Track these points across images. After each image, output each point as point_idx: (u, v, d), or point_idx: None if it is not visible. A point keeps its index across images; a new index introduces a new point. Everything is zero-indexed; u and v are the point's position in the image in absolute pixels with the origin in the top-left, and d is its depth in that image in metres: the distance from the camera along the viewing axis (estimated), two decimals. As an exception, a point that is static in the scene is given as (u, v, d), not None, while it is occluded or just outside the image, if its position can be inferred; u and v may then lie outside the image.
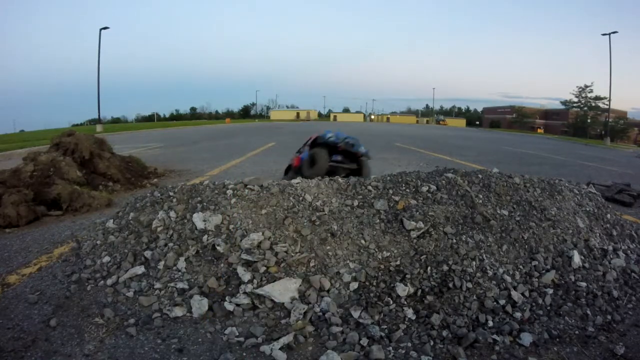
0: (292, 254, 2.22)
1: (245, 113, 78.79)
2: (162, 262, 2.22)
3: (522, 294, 2.09)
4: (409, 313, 1.93)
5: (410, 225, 2.42)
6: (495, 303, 2.01)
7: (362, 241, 2.34)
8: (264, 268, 2.13)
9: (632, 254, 2.66)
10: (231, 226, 2.36)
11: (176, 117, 73.50)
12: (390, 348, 1.71)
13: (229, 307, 1.95)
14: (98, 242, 2.54)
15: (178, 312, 1.92)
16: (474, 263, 2.21)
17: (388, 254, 2.26)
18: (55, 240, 2.96)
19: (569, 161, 10.64)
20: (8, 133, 26.32)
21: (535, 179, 3.07)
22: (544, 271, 2.26)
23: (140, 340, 1.74)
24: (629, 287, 2.31)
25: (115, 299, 2.05)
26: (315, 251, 2.26)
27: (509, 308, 1.97)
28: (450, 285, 2.08)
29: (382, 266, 2.18)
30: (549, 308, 2.03)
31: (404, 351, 1.69)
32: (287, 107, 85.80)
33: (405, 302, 1.99)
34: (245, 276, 2.08)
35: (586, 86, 44.00)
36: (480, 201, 2.68)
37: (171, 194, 2.74)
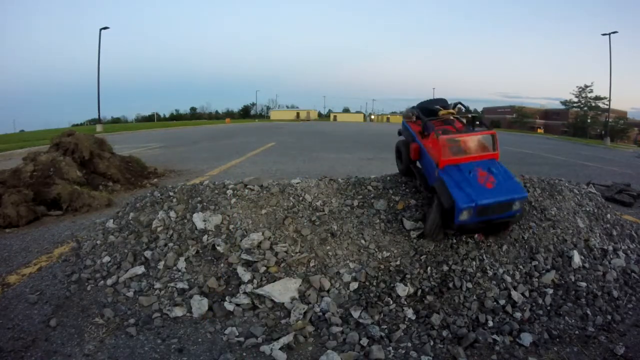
0: (292, 254, 2.22)
1: (245, 113, 78.78)
2: (162, 262, 2.23)
3: (522, 294, 2.09)
4: (409, 313, 1.93)
5: (410, 225, 2.42)
6: (495, 303, 2.01)
7: (362, 241, 2.34)
8: (264, 268, 2.13)
9: (632, 254, 2.66)
10: (231, 226, 2.36)
11: (176, 117, 73.45)
12: (390, 348, 1.71)
13: (229, 307, 1.95)
14: (98, 242, 2.54)
15: (178, 312, 1.92)
16: (474, 263, 2.21)
17: (388, 254, 2.26)
18: (55, 240, 2.96)
19: (569, 161, 10.63)
20: (8, 133, 26.31)
21: (535, 179, 3.07)
22: (544, 271, 2.26)
23: (140, 340, 1.74)
24: (629, 287, 2.30)
25: (115, 299, 2.05)
26: (315, 251, 2.26)
27: (509, 308, 1.97)
28: (450, 285, 2.08)
29: (382, 266, 2.18)
30: (549, 308, 2.03)
31: (404, 351, 1.69)
32: (287, 107, 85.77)
33: (405, 302, 1.99)
34: (245, 276, 2.09)
35: (586, 86, 43.93)
36: (480, 201, 2.67)
37: (171, 194, 2.74)
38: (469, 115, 2.59)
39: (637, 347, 1.80)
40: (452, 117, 2.55)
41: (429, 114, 2.63)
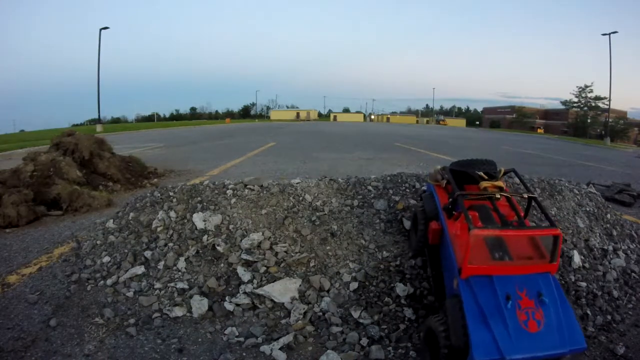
0: (292, 254, 2.22)
1: (245, 113, 78.84)
2: (162, 262, 2.23)
3: (522, 294, 2.08)
4: (409, 313, 1.92)
5: (410, 225, 2.42)
6: (495, 303, 2.00)
7: (362, 241, 2.34)
8: (264, 268, 2.13)
9: (632, 254, 2.66)
10: (231, 226, 2.36)
11: (176, 117, 73.55)
12: (390, 348, 1.71)
13: (229, 307, 1.95)
14: (98, 242, 2.54)
15: (178, 312, 1.92)
16: (474, 263, 2.20)
17: (388, 254, 2.26)
18: (55, 240, 2.96)
19: (569, 161, 10.63)
20: (8, 133, 26.34)
21: (535, 179, 3.07)
22: (544, 271, 2.26)
23: (140, 340, 1.74)
24: (629, 287, 2.31)
25: (115, 299, 2.05)
26: (315, 251, 2.26)
27: (509, 308, 1.96)
28: (450, 285, 2.07)
29: (381, 266, 2.18)
30: (549, 308, 2.02)
31: (403, 351, 1.69)
32: (287, 107, 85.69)
33: (405, 302, 1.99)
34: (245, 276, 2.09)
35: (586, 86, 44.00)
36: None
37: (171, 194, 2.74)
38: (523, 195, 1.80)
39: (637, 347, 1.80)
40: (498, 194, 1.73)
41: (465, 181, 1.92)
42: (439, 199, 1.98)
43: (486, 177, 1.85)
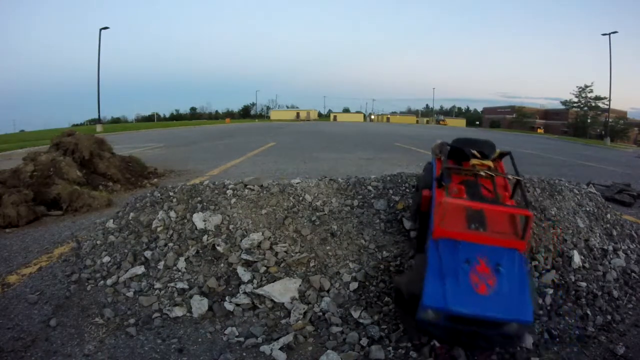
0: (292, 254, 2.22)
1: (245, 113, 78.87)
2: (162, 262, 2.23)
3: (522, 294, 2.08)
4: (409, 313, 1.92)
5: (410, 225, 2.42)
6: (495, 303, 2.00)
7: (362, 241, 2.34)
8: (264, 268, 2.13)
9: (632, 254, 2.65)
10: (231, 226, 2.36)
11: (176, 117, 73.59)
12: (390, 348, 1.71)
13: (229, 307, 1.95)
14: (98, 242, 2.54)
15: (178, 312, 1.92)
16: (474, 263, 2.20)
17: (388, 254, 2.26)
18: (55, 240, 2.96)
19: (569, 161, 10.63)
20: (8, 133, 26.36)
21: (535, 179, 3.07)
22: (544, 271, 2.26)
23: (140, 340, 1.74)
24: (629, 287, 2.30)
25: (115, 299, 2.05)
26: (315, 251, 2.26)
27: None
28: (450, 285, 2.07)
29: (381, 266, 2.18)
30: (549, 308, 2.03)
31: (403, 351, 1.69)
32: (287, 107, 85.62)
33: (405, 302, 1.99)
34: (245, 276, 2.09)
35: (586, 86, 44.02)
36: (480, 201, 2.66)
37: (171, 194, 2.74)
38: (509, 177, 1.91)
39: (637, 347, 1.80)
40: (485, 172, 1.91)
41: (463, 158, 2.09)
42: (436, 171, 2.12)
43: (479, 156, 2.01)
